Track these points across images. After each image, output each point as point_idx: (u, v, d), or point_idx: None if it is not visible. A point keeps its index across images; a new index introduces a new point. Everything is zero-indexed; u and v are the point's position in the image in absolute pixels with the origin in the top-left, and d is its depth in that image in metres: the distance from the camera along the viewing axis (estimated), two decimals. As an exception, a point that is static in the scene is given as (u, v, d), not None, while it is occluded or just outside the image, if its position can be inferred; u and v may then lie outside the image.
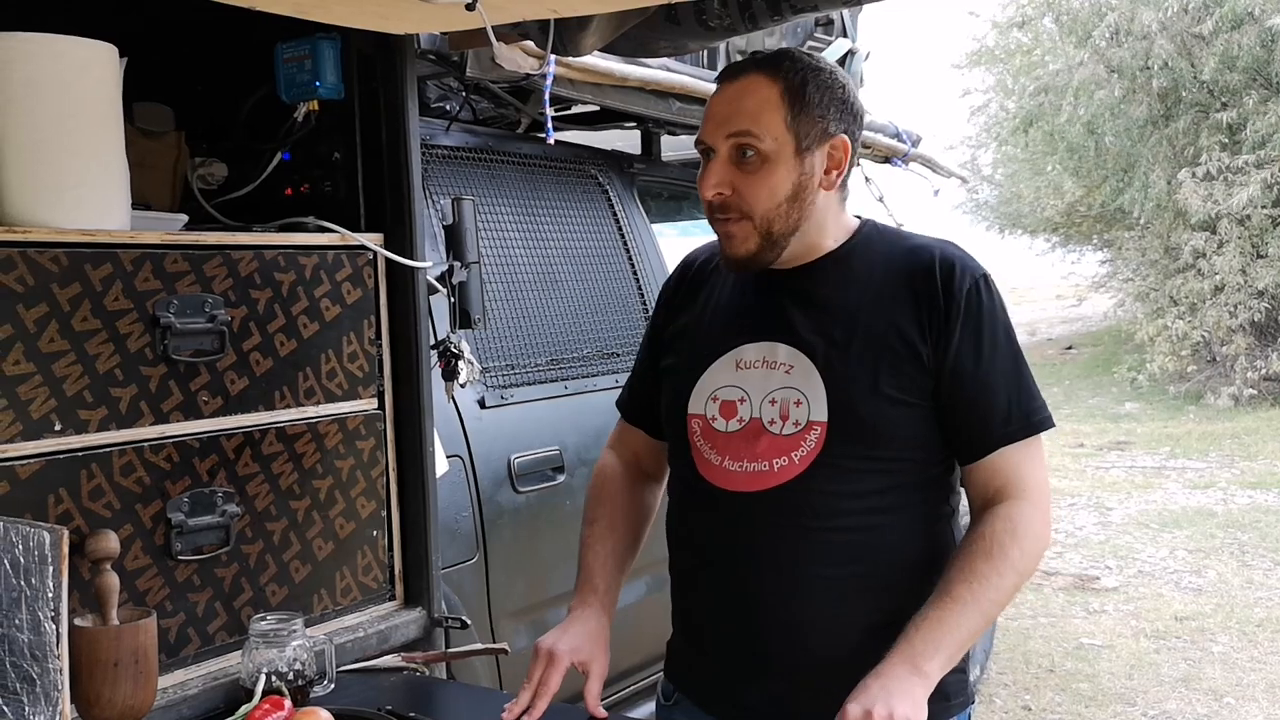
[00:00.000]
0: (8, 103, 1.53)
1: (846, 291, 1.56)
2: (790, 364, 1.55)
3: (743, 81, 1.53)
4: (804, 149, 1.51)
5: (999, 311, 1.53)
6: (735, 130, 1.50)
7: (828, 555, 1.53)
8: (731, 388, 1.59)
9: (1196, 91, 12.03)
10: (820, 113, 1.51)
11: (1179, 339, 11.72)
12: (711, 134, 1.53)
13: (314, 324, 1.86)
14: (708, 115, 1.55)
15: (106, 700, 1.43)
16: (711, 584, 1.62)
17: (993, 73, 16.35)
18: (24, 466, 1.49)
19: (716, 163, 1.53)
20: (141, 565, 1.63)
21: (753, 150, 1.50)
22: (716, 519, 1.59)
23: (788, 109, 1.50)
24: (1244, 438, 9.59)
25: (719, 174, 1.52)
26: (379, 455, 1.97)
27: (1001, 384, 1.52)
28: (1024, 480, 1.52)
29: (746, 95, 1.52)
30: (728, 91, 1.54)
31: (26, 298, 1.49)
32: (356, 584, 1.94)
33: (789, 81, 1.51)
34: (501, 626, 2.62)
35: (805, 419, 1.52)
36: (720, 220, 1.55)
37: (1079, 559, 6.26)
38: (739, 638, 1.58)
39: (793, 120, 1.50)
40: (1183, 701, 4.23)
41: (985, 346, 1.51)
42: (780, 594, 1.54)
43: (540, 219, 3.10)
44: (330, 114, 1.97)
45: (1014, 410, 1.52)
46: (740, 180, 1.51)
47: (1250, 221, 11.07)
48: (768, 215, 1.52)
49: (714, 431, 1.59)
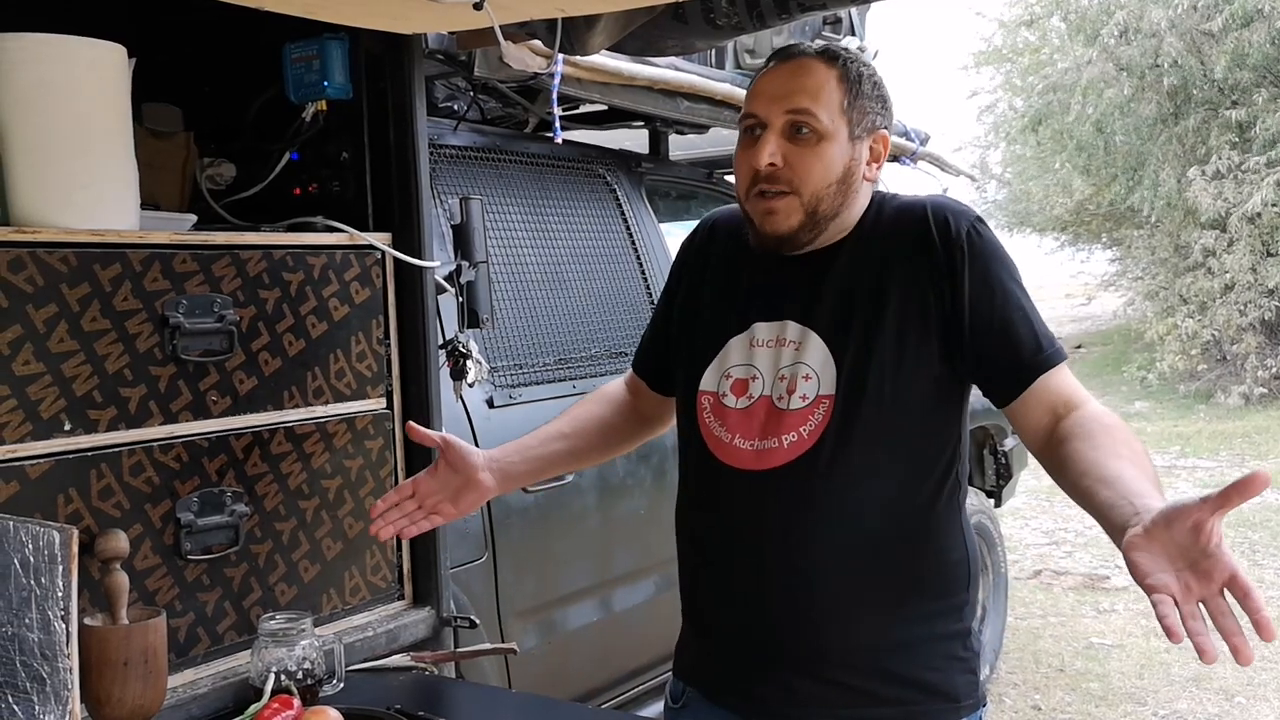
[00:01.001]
0: (17, 103, 1.53)
1: (857, 266, 1.56)
2: (799, 341, 1.55)
3: (800, 61, 1.54)
4: (856, 136, 1.53)
5: (999, 249, 1.53)
6: (795, 106, 1.51)
7: (837, 533, 1.51)
8: (745, 366, 1.59)
9: (1206, 89, 11.98)
10: (871, 105, 1.54)
11: (1189, 338, 11.68)
12: (765, 108, 1.53)
13: (322, 324, 1.86)
14: (759, 91, 1.55)
15: (116, 699, 1.44)
16: (720, 568, 1.61)
17: (1001, 72, 16.31)
18: (34, 466, 1.50)
19: (770, 134, 1.52)
20: (151, 565, 1.63)
21: (809, 127, 1.50)
22: (727, 498, 1.58)
23: (845, 94, 1.52)
24: (1254, 437, 9.55)
25: (774, 144, 1.51)
26: (387, 455, 1.97)
27: (1020, 316, 1.50)
28: (1076, 393, 1.49)
29: (805, 74, 1.52)
30: (784, 69, 1.54)
31: (36, 298, 1.50)
32: (365, 583, 1.94)
33: (845, 70, 1.53)
34: (510, 626, 2.62)
35: (814, 393, 1.52)
36: (764, 196, 1.53)
37: (1089, 558, 6.24)
38: (748, 624, 1.57)
39: (848, 106, 1.52)
40: (1193, 701, 4.22)
41: (995, 283, 1.50)
42: (791, 574, 1.53)
43: (548, 219, 3.10)
44: (338, 114, 1.97)
45: (1041, 338, 1.50)
46: (794, 154, 1.51)
47: (1260, 220, 11.02)
48: (817, 193, 1.52)
49: (724, 408, 1.59)
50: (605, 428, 1.82)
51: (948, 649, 1.54)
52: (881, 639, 1.51)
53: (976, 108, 17.11)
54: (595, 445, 1.82)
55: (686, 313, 1.71)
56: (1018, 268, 1.55)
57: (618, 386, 1.86)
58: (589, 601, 2.87)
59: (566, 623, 2.81)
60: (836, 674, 1.52)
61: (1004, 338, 1.49)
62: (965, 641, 1.57)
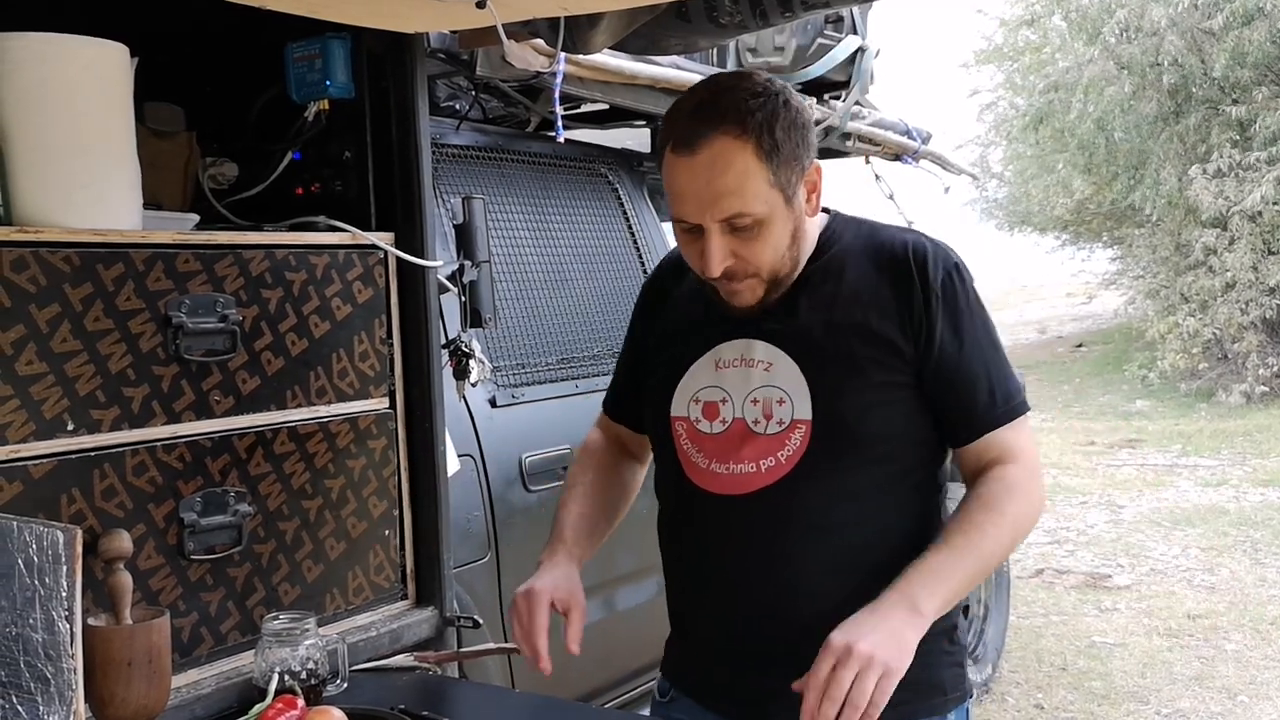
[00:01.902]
0: (19, 103, 1.53)
1: (822, 287, 1.56)
2: (769, 362, 1.54)
3: (710, 150, 1.42)
4: (791, 196, 1.48)
5: (974, 299, 1.54)
6: (727, 215, 1.44)
7: (820, 554, 1.53)
8: (713, 388, 1.58)
9: (1207, 88, 11.98)
10: (795, 153, 1.46)
11: (1190, 336, 11.67)
12: (695, 213, 1.46)
13: (325, 323, 1.86)
14: (682, 191, 1.46)
15: (120, 700, 1.43)
16: (704, 587, 1.63)
17: (1002, 70, 16.31)
18: (37, 466, 1.49)
19: (712, 240, 1.46)
20: (154, 565, 1.63)
21: (748, 222, 1.45)
22: (708, 523, 1.60)
23: (768, 167, 1.44)
24: (1256, 435, 9.55)
25: (719, 251, 1.46)
26: (390, 454, 1.97)
27: (982, 370, 1.52)
28: (1014, 451, 1.52)
29: (723, 168, 1.43)
30: (697, 164, 1.43)
31: (39, 298, 1.49)
32: (369, 583, 1.94)
33: (759, 136, 1.43)
34: (513, 626, 2.61)
35: (789, 418, 1.52)
36: (723, 282, 1.52)
37: (1091, 557, 6.24)
38: (734, 637, 1.59)
39: (775, 176, 1.45)
40: (1196, 700, 4.22)
41: (965, 334, 1.51)
42: (776, 596, 1.54)
43: (550, 218, 3.10)
44: (341, 113, 1.97)
45: (998, 395, 1.52)
46: (741, 247, 1.47)
47: (1261, 218, 11.02)
48: (775, 267, 1.51)
49: (699, 434, 1.59)
50: (629, 491, 1.82)
51: (934, 645, 1.54)
52: None
53: (977, 106, 17.07)
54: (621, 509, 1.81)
55: (651, 347, 1.71)
56: (989, 317, 1.56)
57: (601, 447, 1.82)
58: (591, 601, 2.83)
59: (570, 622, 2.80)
60: None
61: (962, 389, 1.52)
62: (951, 636, 1.59)
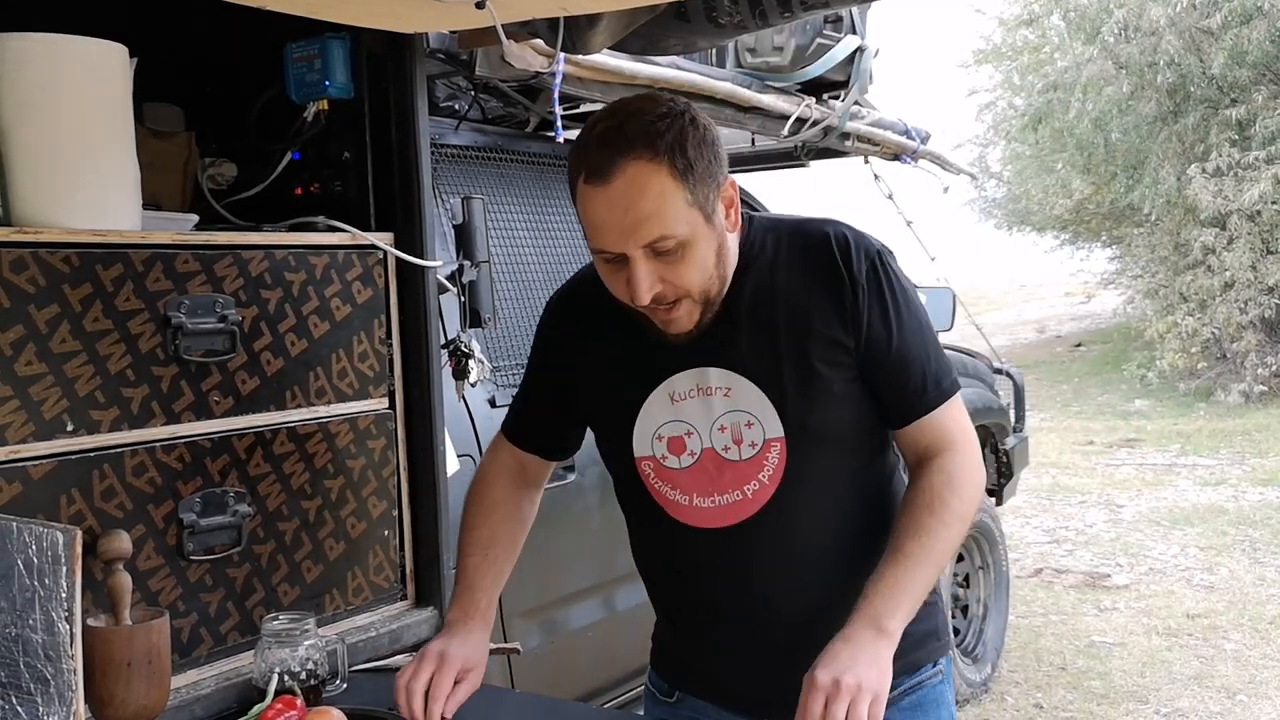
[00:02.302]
0: (19, 103, 1.52)
1: (760, 299, 1.53)
2: (727, 387, 1.53)
3: (624, 177, 1.39)
4: (710, 214, 1.45)
5: (900, 285, 1.54)
6: (649, 240, 1.40)
7: (815, 555, 1.57)
8: (675, 423, 1.57)
9: (1205, 87, 11.98)
10: (707, 171, 1.43)
11: (1189, 336, 11.68)
12: (616, 243, 1.42)
13: (325, 323, 1.86)
14: (601, 222, 1.42)
15: (120, 700, 1.43)
16: (700, 609, 1.65)
17: (1000, 70, 16.32)
18: (36, 467, 1.49)
19: (638, 267, 1.42)
20: (154, 565, 1.63)
21: (671, 245, 1.42)
22: (702, 556, 1.60)
23: (684, 187, 1.41)
24: (1255, 434, 9.56)
25: (647, 277, 1.43)
26: (390, 455, 1.97)
27: (914, 355, 1.53)
28: (949, 434, 1.55)
29: (638, 194, 1.39)
30: (611, 193, 1.40)
31: (38, 298, 1.49)
32: (368, 584, 1.94)
33: (671, 157, 1.39)
34: (513, 626, 2.61)
35: (761, 439, 1.53)
36: (655, 310, 1.48)
37: (1090, 557, 6.24)
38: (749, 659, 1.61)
39: (692, 195, 1.41)
40: (1195, 699, 4.22)
41: (893, 321, 1.52)
42: (785, 609, 1.57)
43: (550, 218, 3.10)
44: (340, 113, 1.97)
45: (929, 379, 1.54)
46: (667, 271, 1.44)
47: (1260, 217, 11.03)
48: (704, 288, 1.48)
49: (667, 470, 1.58)
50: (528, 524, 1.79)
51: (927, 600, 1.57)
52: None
53: (976, 106, 17.09)
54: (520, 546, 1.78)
55: (584, 381, 1.66)
56: (917, 301, 1.56)
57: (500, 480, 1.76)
58: (591, 601, 2.86)
59: (569, 622, 2.81)
60: None
61: (894, 375, 1.53)
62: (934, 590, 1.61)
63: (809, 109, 3.63)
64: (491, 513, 1.73)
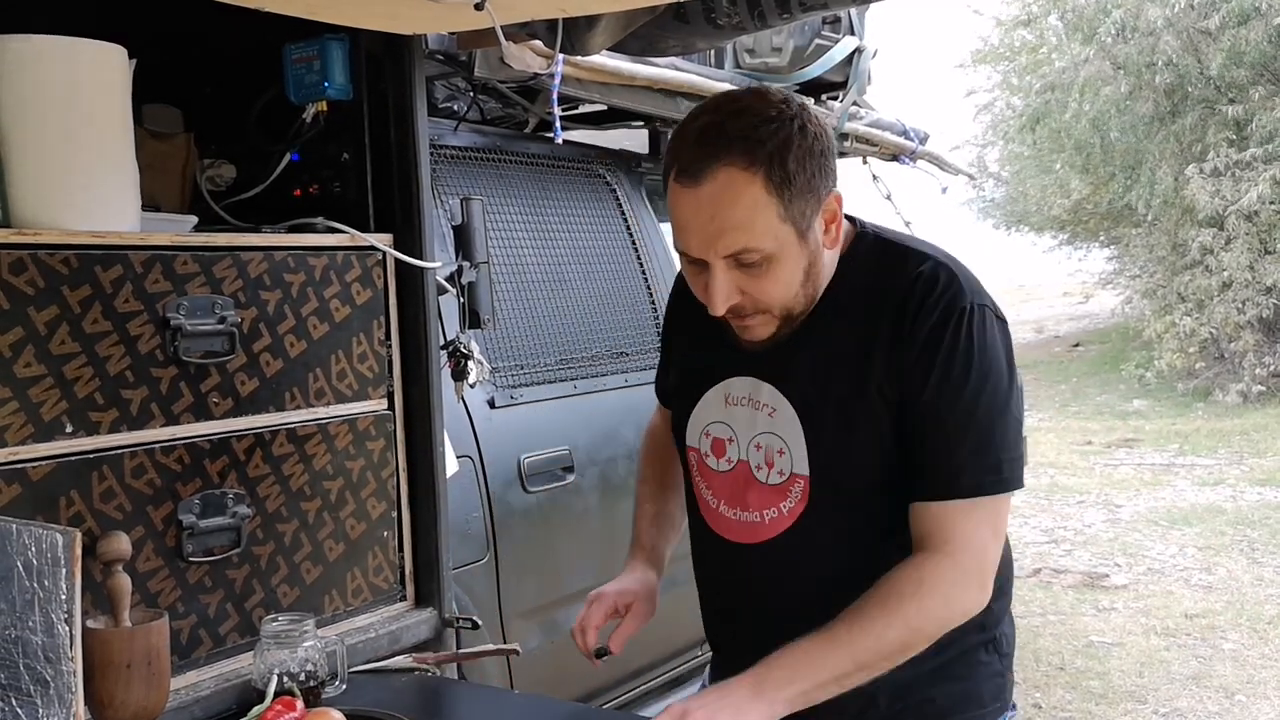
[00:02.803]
0: (18, 104, 1.52)
1: (830, 329, 1.46)
2: (773, 407, 1.49)
3: (715, 181, 1.32)
4: (805, 230, 1.37)
5: (973, 352, 1.37)
6: (732, 251, 1.35)
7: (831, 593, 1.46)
8: (720, 424, 1.56)
9: (1203, 87, 11.99)
10: (810, 184, 1.35)
11: (1187, 336, 11.68)
12: (700, 248, 1.36)
13: (324, 325, 1.86)
14: (686, 224, 1.37)
15: (119, 702, 1.43)
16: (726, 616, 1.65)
17: (998, 71, 16.32)
18: (36, 469, 1.49)
19: (717, 275, 1.37)
20: (153, 567, 1.63)
21: (756, 258, 1.35)
22: (721, 566, 1.61)
23: (778, 200, 1.33)
24: (1253, 434, 9.56)
25: (725, 287, 1.37)
26: (389, 456, 1.97)
27: (951, 432, 1.37)
28: (949, 536, 1.37)
29: (729, 202, 1.32)
30: (701, 196, 1.33)
31: (37, 300, 1.49)
32: (367, 585, 1.94)
33: (769, 167, 1.32)
34: (513, 627, 2.62)
35: (789, 470, 1.48)
36: (734, 319, 1.44)
37: (1088, 557, 6.24)
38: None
39: (786, 210, 1.34)
40: (1194, 699, 4.22)
41: (940, 385, 1.37)
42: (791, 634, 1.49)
43: (549, 219, 3.10)
44: (339, 115, 1.97)
45: (956, 466, 1.37)
46: (749, 284, 1.38)
47: (1258, 217, 11.03)
48: (786, 304, 1.41)
49: (708, 469, 1.58)
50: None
51: (970, 656, 1.52)
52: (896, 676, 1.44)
53: (974, 106, 17.09)
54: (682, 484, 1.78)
55: (674, 357, 1.72)
56: (996, 379, 1.39)
57: (663, 431, 1.77)
58: (590, 602, 2.86)
59: (568, 623, 2.79)
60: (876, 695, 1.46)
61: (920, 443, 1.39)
62: (989, 646, 1.53)
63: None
64: (658, 462, 1.79)
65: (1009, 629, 1.58)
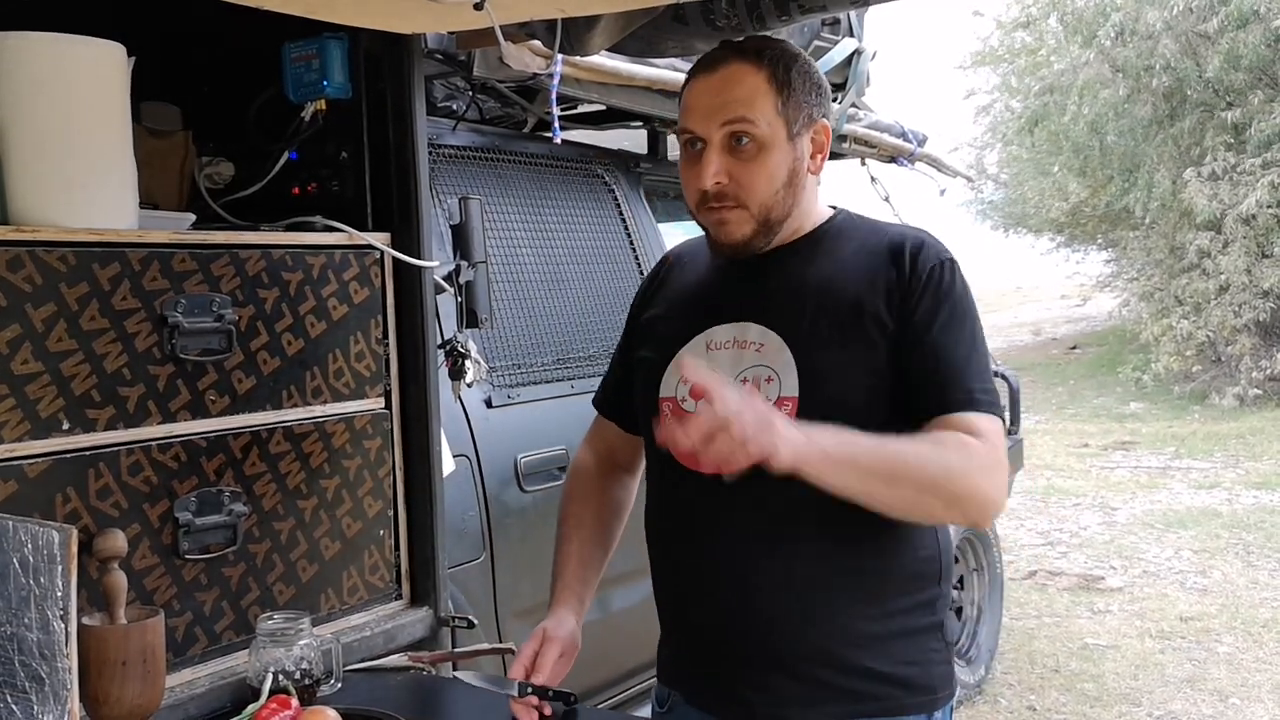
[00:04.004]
0: (16, 102, 1.53)
1: (819, 270, 1.56)
2: (761, 342, 1.54)
3: (727, 70, 1.51)
4: (795, 134, 1.52)
5: (961, 293, 1.52)
6: (731, 118, 1.49)
7: (804, 534, 1.50)
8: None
9: (1201, 91, 12.01)
10: (805, 98, 1.52)
11: (1184, 339, 11.70)
12: (701, 123, 1.52)
13: (321, 323, 1.86)
14: (691, 105, 1.54)
15: (115, 699, 1.43)
16: (690, 573, 1.61)
17: (997, 73, 16.34)
18: (32, 466, 1.49)
19: (712, 151, 1.51)
20: (149, 564, 1.63)
21: (749, 137, 1.49)
22: (690, 503, 1.58)
23: (777, 95, 1.50)
24: (1249, 438, 9.58)
25: (716, 163, 1.50)
26: (386, 455, 1.97)
27: (953, 354, 1.49)
28: (985, 434, 1.44)
29: (735, 83, 1.51)
30: (713, 80, 1.52)
31: (34, 297, 1.49)
32: (363, 583, 1.94)
33: (774, 69, 1.51)
34: (508, 626, 2.62)
35: (776, 395, 1.51)
36: (714, 209, 1.54)
37: (1084, 559, 6.25)
38: (721, 626, 1.56)
39: (783, 106, 1.50)
40: (1188, 702, 4.23)
41: (943, 318, 1.49)
42: (760, 577, 1.52)
43: (547, 218, 3.10)
44: (337, 113, 1.97)
45: (965, 383, 1.48)
46: (737, 168, 1.51)
47: (1256, 221, 11.05)
48: (766, 202, 1.52)
49: (684, 413, 1.57)
50: (623, 511, 1.80)
51: (924, 643, 1.55)
52: (856, 636, 1.51)
53: (973, 108, 17.12)
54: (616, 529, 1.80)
55: (643, 335, 1.72)
56: (978, 320, 1.54)
57: (590, 469, 1.81)
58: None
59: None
60: (816, 672, 1.51)
61: (936, 367, 1.48)
62: (939, 634, 1.59)
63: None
64: (579, 500, 1.79)
65: (951, 621, 1.61)
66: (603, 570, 1.76)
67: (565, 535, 1.75)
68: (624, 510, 1.81)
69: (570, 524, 1.76)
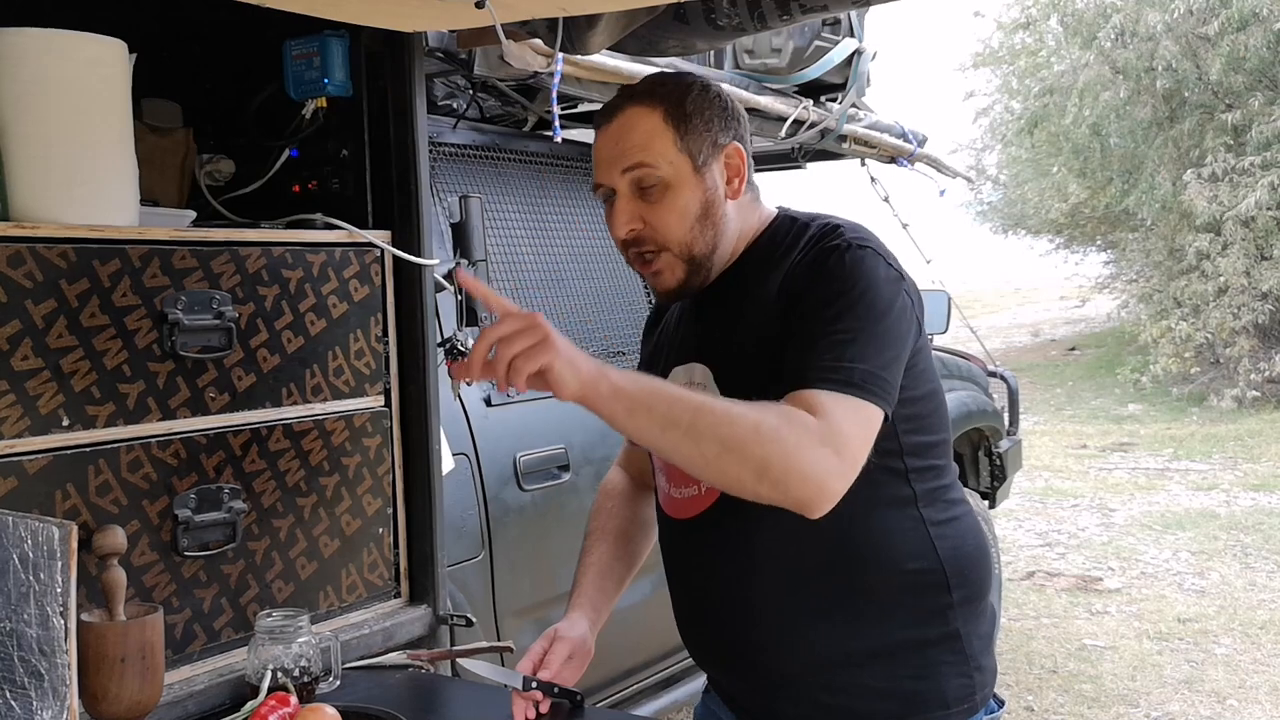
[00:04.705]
0: (17, 99, 1.53)
1: (750, 290, 1.53)
2: (703, 383, 1.55)
3: (622, 117, 1.51)
4: (701, 166, 1.51)
5: (852, 276, 1.42)
6: (631, 164, 1.49)
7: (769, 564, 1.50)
8: None
9: (1201, 93, 12.01)
10: (705, 126, 1.51)
11: (1182, 340, 11.70)
12: (607, 174, 1.52)
13: (321, 321, 1.86)
14: (597, 158, 1.54)
15: (113, 696, 1.44)
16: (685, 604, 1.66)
17: (998, 74, 16.34)
18: (32, 462, 1.49)
19: (621, 201, 1.51)
20: (148, 561, 1.63)
21: (652, 180, 1.49)
22: (670, 544, 1.65)
23: (674, 131, 1.50)
24: (1247, 440, 9.58)
25: (626, 210, 1.51)
26: (385, 452, 1.97)
27: (829, 333, 1.39)
28: (820, 409, 1.33)
29: (630, 129, 1.50)
30: (610, 131, 1.52)
31: (35, 293, 1.49)
32: (362, 581, 1.94)
33: (667, 105, 1.50)
34: (506, 624, 2.62)
35: None
36: (641, 260, 1.54)
37: (1082, 560, 6.25)
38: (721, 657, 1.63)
39: (682, 141, 1.50)
40: (1186, 703, 4.23)
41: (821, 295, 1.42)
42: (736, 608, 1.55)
43: (547, 217, 3.10)
44: (338, 111, 1.97)
45: (835, 361, 1.37)
46: (648, 212, 1.50)
47: (1255, 223, 11.05)
48: (684, 240, 1.51)
49: (658, 459, 1.63)
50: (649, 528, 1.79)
51: (934, 655, 1.52)
52: (854, 655, 1.50)
53: (973, 109, 17.13)
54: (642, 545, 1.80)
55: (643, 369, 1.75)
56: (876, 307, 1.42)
57: (618, 486, 1.84)
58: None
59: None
60: (817, 695, 1.52)
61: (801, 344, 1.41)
62: (954, 645, 1.53)
63: (806, 111, 3.64)
64: (604, 514, 1.80)
65: (983, 629, 1.57)
66: (625, 584, 1.76)
67: (588, 547, 1.77)
68: (650, 529, 1.80)
69: (594, 537, 1.78)
